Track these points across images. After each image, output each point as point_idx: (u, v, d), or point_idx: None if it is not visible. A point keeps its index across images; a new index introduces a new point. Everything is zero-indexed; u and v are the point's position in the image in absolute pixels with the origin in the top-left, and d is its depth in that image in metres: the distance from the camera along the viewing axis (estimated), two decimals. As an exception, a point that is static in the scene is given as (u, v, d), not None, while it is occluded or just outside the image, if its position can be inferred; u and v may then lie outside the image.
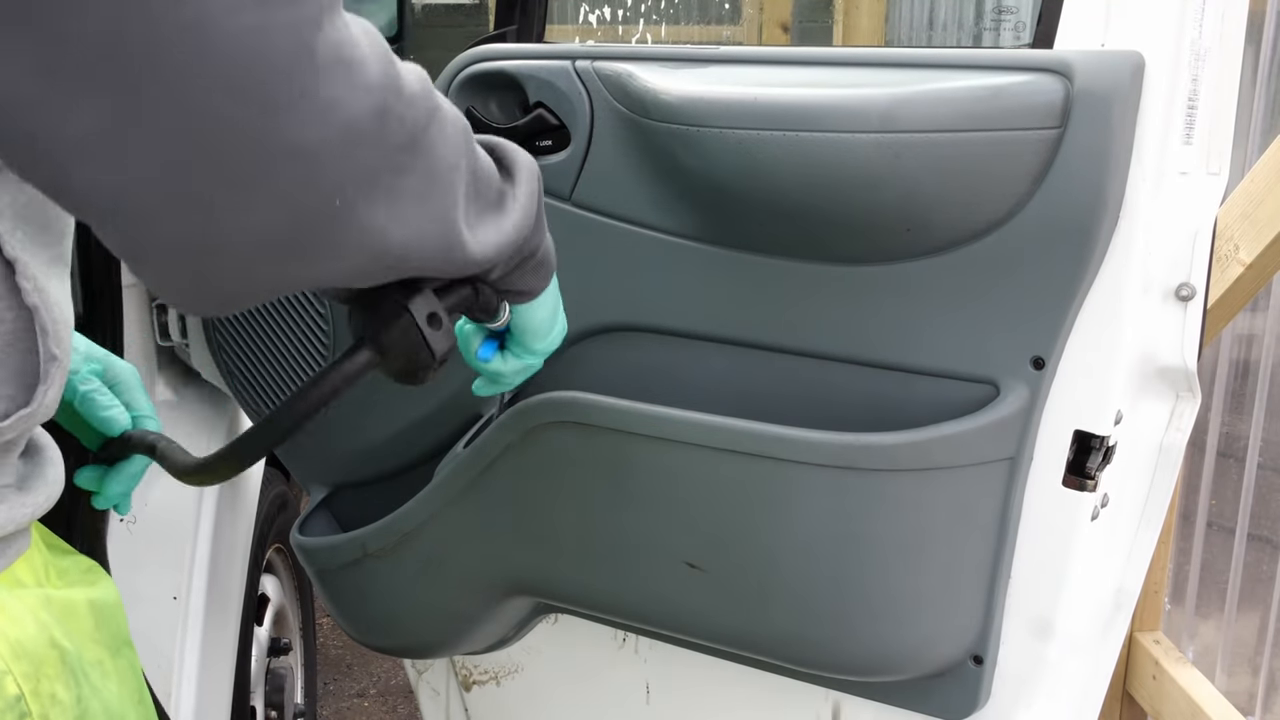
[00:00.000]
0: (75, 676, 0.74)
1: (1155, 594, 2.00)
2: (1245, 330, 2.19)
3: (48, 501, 0.77)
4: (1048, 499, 1.13)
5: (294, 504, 2.12)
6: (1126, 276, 1.07)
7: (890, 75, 1.13)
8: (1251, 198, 1.55)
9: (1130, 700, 2.03)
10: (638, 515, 1.20)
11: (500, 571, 1.31)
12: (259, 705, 1.99)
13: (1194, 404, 1.15)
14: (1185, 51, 1.05)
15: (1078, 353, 1.09)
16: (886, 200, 1.09)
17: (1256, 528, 2.19)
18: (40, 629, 0.71)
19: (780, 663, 1.22)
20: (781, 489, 1.11)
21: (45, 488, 0.77)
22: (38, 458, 0.79)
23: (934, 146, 1.06)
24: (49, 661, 0.71)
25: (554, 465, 1.23)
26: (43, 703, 0.70)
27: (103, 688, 0.77)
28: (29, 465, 0.78)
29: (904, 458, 1.08)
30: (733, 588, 1.17)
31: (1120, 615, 1.21)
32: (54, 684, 0.71)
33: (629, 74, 1.21)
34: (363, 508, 1.38)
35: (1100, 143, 1.02)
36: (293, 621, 2.23)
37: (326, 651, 2.89)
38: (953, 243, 1.09)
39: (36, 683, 0.70)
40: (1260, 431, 2.13)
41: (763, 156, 1.11)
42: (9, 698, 0.68)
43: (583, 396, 1.20)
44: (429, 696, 1.67)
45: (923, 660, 1.17)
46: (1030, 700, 1.19)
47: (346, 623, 1.45)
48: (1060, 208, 1.04)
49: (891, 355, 1.15)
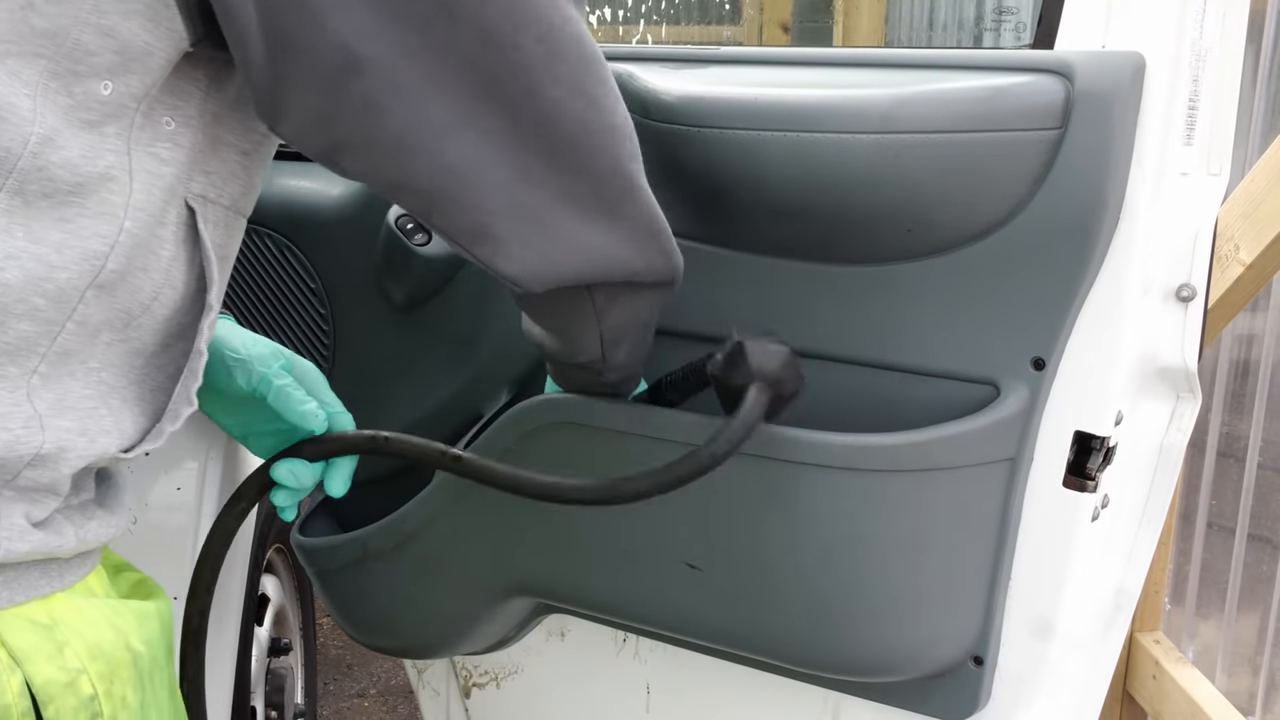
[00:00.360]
0: (143, 682, 0.75)
1: (1155, 594, 2.01)
2: (1245, 330, 2.19)
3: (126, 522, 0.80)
4: (1048, 500, 1.13)
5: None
6: (1127, 277, 1.07)
7: (890, 76, 1.13)
8: (1251, 198, 1.55)
9: (1130, 700, 2.03)
10: (637, 516, 1.20)
11: (500, 572, 1.31)
12: (259, 705, 1.99)
13: (1194, 404, 1.15)
14: (1186, 52, 1.05)
15: (1078, 353, 1.09)
16: (887, 201, 1.09)
17: (1256, 528, 2.19)
18: (117, 633, 0.73)
19: (780, 663, 1.22)
20: (782, 489, 1.11)
21: (123, 509, 0.79)
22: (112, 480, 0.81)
23: (934, 147, 1.06)
24: (123, 664, 0.73)
25: (554, 466, 1.23)
26: (114, 704, 0.72)
27: (161, 695, 0.79)
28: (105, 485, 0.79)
29: (904, 458, 1.08)
30: (733, 588, 1.17)
31: (1120, 615, 1.21)
32: (125, 687, 0.73)
33: (629, 74, 1.21)
34: (363, 508, 1.38)
35: (1101, 143, 1.02)
36: (293, 621, 2.22)
37: (326, 651, 2.89)
38: (953, 243, 1.09)
39: (110, 684, 0.72)
40: (1260, 431, 2.13)
41: (763, 157, 1.11)
42: (83, 697, 0.70)
43: (583, 397, 1.20)
44: (429, 697, 1.67)
45: (923, 661, 1.17)
46: (1030, 701, 1.19)
47: (347, 623, 1.45)
48: (1061, 208, 1.04)
49: (892, 356, 1.15)
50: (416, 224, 1.32)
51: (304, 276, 1.43)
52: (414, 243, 1.31)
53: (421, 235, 1.31)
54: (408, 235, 1.31)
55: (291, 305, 1.46)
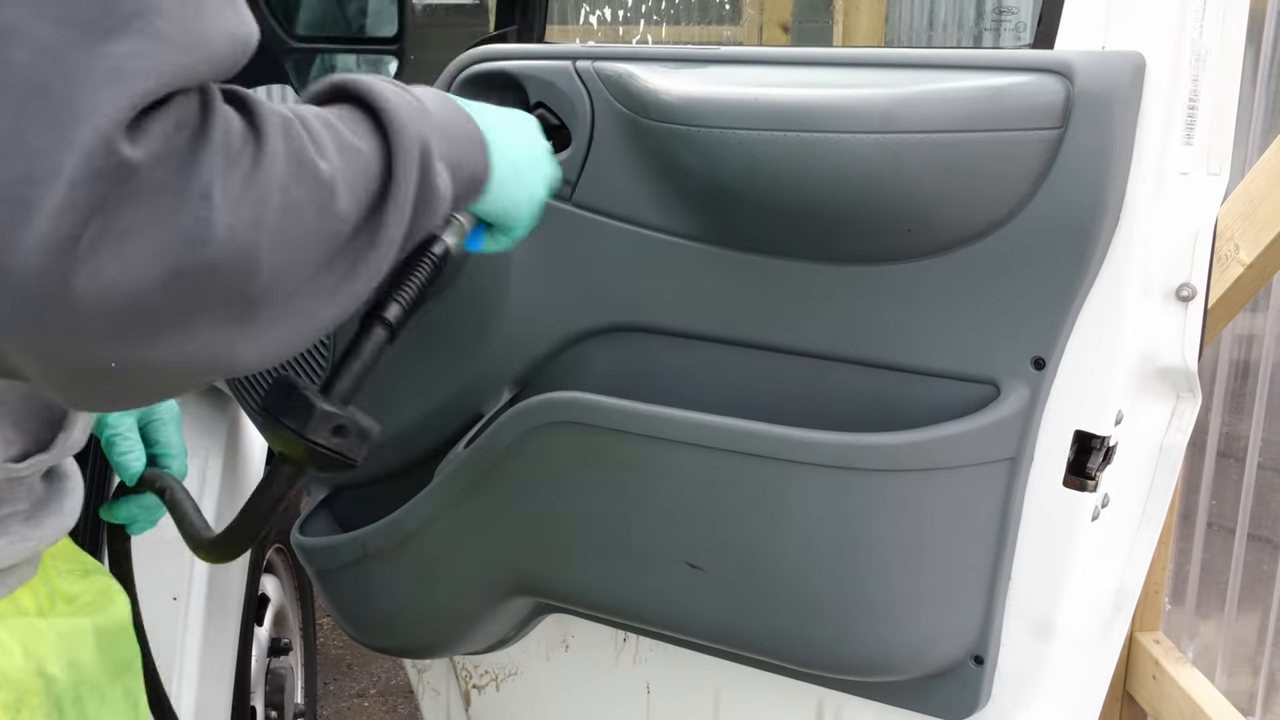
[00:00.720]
0: (60, 707, 0.73)
1: (1155, 594, 2.00)
2: (1245, 330, 2.19)
3: (56, 535, 0.76)
4: (1048, 499, 1.13)
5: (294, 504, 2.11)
6: (1127, 277, 1.07)
7: (890, 75, 1.12)
8: (1251, 198, 1.55)
9: (1130, 700, 2.02)
10: (638, 515, 1.20)
11: (501, 572, 1.31)
12: (259, 705, 1.99)
13: (1194, 404, 1.15)
14: (1186, 52, 1.05)
15: (1078, 353, 1.09)
16: (887, 200, 1.09)
17: (1256, 528, 2.19)
18: (27, 658, 0.71)
19: (781, 663, 1.22)
20: (782, 489, 1.11)
21: (57, 519, 0.76)
22: (59, 485, 0.78)
23: (935, 147, 1.06)
24: (32, 691, 0.71)
25: (554, 466, 1.23)
26: None
27: (96, 716, 0.77)
28: (49, 491, 0.77)
29: (905, 458, 1.08)
30: (733, 588, 1.17)
31: (1120, 615, 1.21)
32: (35, 714, 0.71)
33: (630, 74, 1.21)
34: (363, 508, 1.38)
35: (1101, 143, 1.02)
36: (293, 621, 2.22)
37: (326, 651, 2.89)
38: (953, 243, 1.09)
39: (16, 713, 0.69)
40: (1260, 431, 2.13)
41: (763, 157, 1.11)
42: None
43: (583, 396, 1.20)
44: (429, 697, 1.67)
45: (923, 660, 1.17)
46: (1030, 700, 1.19)
47: (347, 623, 1.45)
48: (1061, 208, 1.04)
49: (892, 355, 1.15)
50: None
51: (304, 276, 1.43)
52: (414, 243, 1.31)
53: (421, 235, 1.31)
54: (408, 235, 1.31)
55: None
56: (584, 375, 1.27)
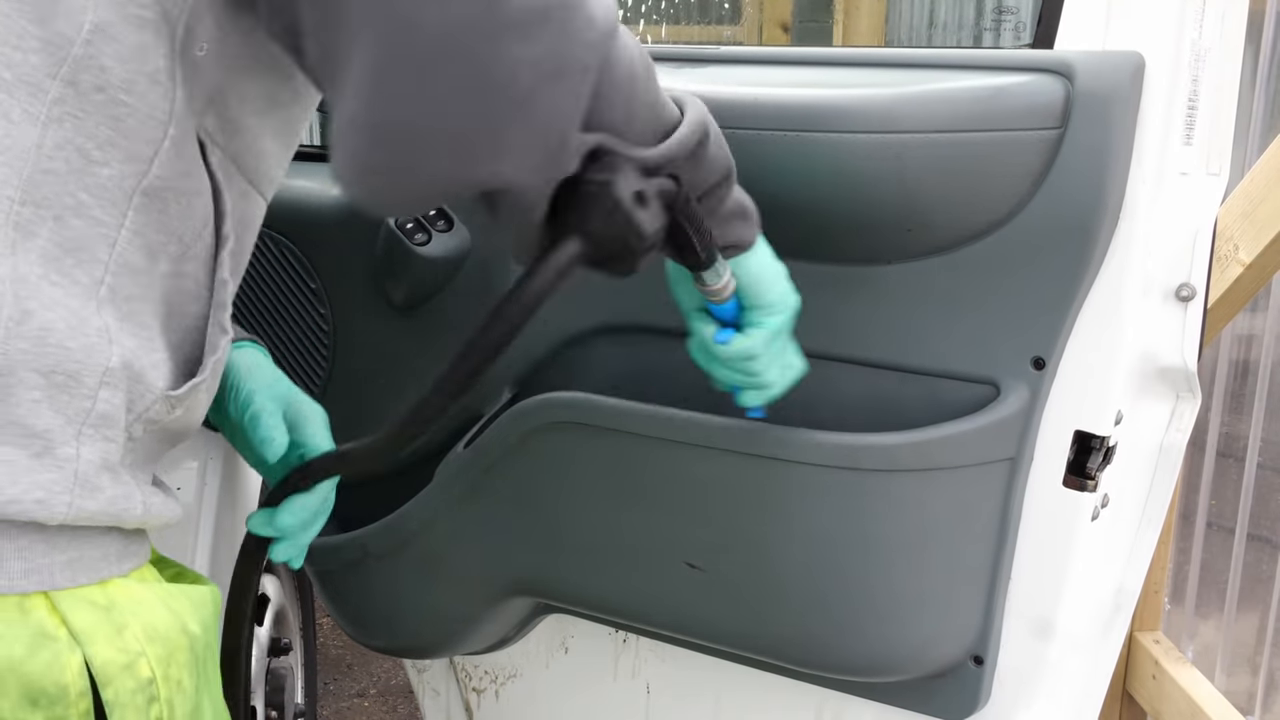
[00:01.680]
0: (198, 666, 0.76)
1: (1155, 594, 2.00)
2: (1245, 330, 2.19)
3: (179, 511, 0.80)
4: (1048, 499, 1.13)
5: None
6: (1127, 277, 1.07)
7: (891, 75, 1.13)
8: (1251, 198, 1.55)
9: (1130, 700, 2.02)
10: (638, 515, 1.20)
11: (501, 572, 1.31)
12: (259, 705, 1.99)
13: (1194, 404, 1.15)
14: (1185, 52, 1.05)
15: (1078, 353, 1.09)
16: (887, 200, 1.09)
17: (1256, 528, 2.19)
18: (173, 616, 0.74)
19: (781, 663, 1.22)
20: (782, 489, 1.11)
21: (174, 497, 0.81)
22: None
23: (935, 147, 1.06)
24: (180, 648, 0.73)
25: (554, 466, 1.23)
26: (170, 688, 0.72)
27: (213, 679, 0.80)
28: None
29: (905, 458, 1.08)
30: (733, 588, 1.17)
31: (1120, 615, 1.21)
32: (182, 670, 0.73)
33: (629, 74, 1.21)
34: (363, 508, 1.38)
35: (1101, 143, 1.02)
36: (293, 621, 2.22)
37: (326, 651, 2.89)
38: (953, 243, 1.09)
39: (167, 667, 0.72)
40: (1260, 431, 2.13)
41: (763, 156, 1.11)
42: (141, 679, 0.70)
43: (583, 396, 1.20)
44: (429, 697, 1.67)
45: (923, 660, 1.17)
46: (1030, 700, 1.19)
47: (347, 623, 1.45)
48: (1061, 208, 1.04)
49: (892, 355, 1.15)
50: (417, 224, 1.32)
51: (304, 276, 1.43)
52: (414, 243, 1.30)
53: (421, 235, 1.31)
54: (408, 235, 1.31)
55: (291, 305, 1.46)
56: (584, 375, 1.27)
